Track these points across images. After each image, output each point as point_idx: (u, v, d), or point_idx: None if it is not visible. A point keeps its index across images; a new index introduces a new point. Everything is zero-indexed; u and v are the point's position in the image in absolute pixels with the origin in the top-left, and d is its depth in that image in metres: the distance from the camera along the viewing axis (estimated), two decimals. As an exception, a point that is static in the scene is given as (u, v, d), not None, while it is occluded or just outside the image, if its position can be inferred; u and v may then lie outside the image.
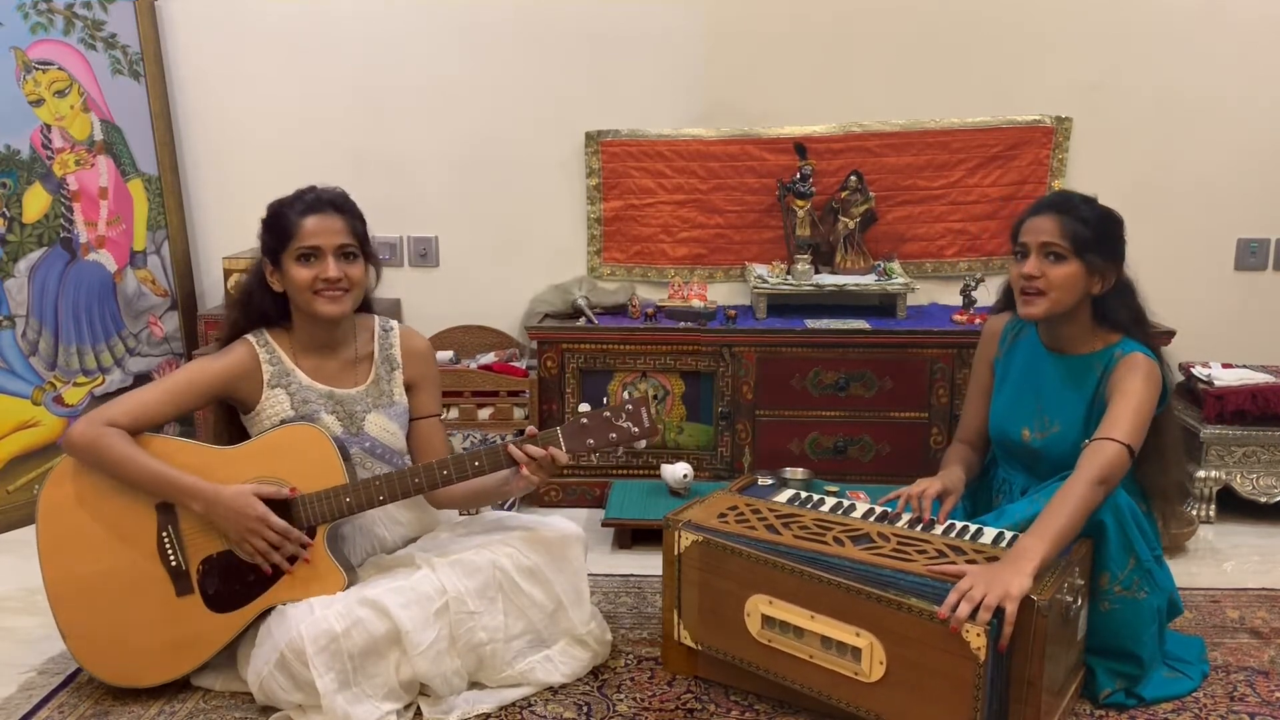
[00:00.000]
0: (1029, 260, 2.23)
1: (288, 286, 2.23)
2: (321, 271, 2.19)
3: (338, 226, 2.21)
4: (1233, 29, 3.42)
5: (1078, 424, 2.27)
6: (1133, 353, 2.22)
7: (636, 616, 2.56)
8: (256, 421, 2.27)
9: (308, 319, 2.27)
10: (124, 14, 3.45)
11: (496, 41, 3.53)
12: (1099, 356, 2.27)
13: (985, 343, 2.50)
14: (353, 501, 2.16)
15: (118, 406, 2.18)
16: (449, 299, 3.65)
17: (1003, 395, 2.42)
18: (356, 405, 2.30)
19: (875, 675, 1.96)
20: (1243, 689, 2.24)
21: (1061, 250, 2.20)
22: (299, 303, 2.24)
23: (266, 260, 2.25)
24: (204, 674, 2.24)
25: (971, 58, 3.49)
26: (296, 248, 2.19)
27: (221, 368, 2.25)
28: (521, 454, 2.15)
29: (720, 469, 3.31)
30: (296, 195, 2.24)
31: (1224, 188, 3.52)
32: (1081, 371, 2.28)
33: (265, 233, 2.24)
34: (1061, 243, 2.20)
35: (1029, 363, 2.38)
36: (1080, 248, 2.20)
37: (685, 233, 3.61)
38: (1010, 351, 2.43)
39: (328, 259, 2.20)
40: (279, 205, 2.24)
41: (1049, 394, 2.32)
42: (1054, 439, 2.29)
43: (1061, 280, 2.21)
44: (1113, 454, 2.07)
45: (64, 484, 2.18)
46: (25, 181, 3.18)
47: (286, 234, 2.19)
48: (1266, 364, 3.35)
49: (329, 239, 2.20)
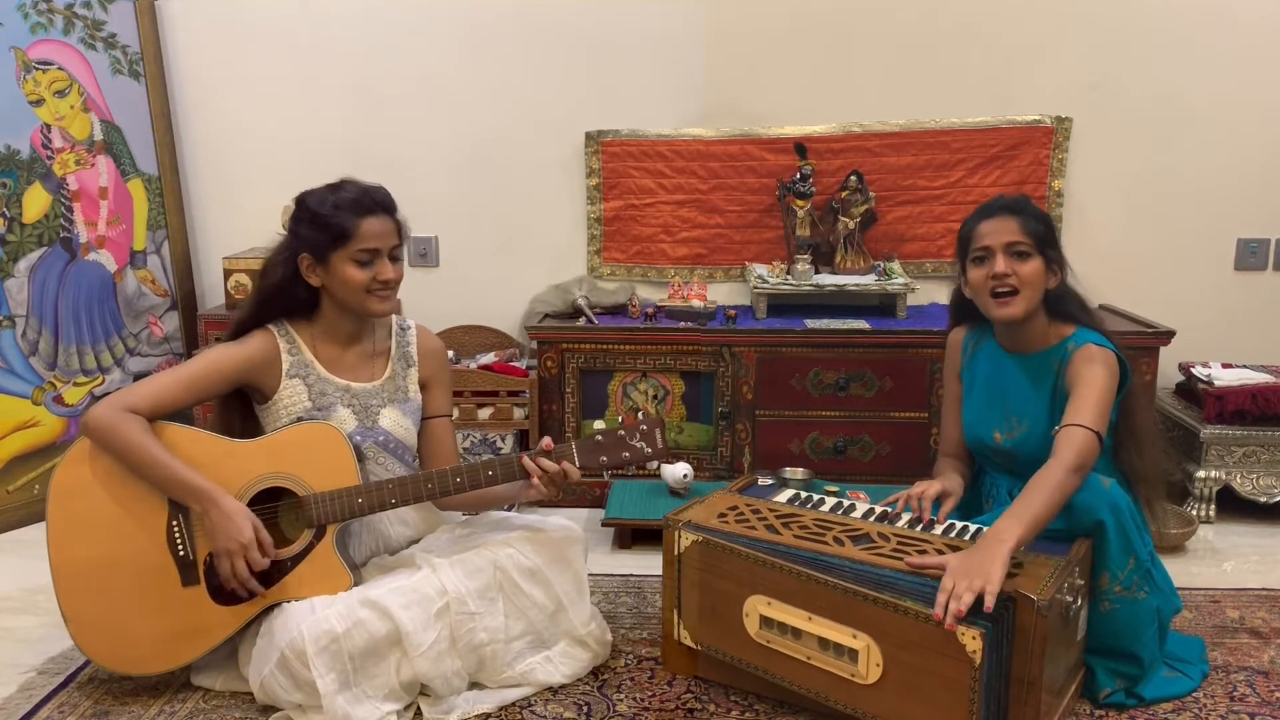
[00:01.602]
0: (997, 260, 2.25)
1: (334, 284, 2.22)
2: (379, 273, 2.21)
3: (390, 228, 2.24)
4: (1233, 30, 3.42)
5: (1043, 420, 2.29)
6: (1086, 344, 2.26)
7: (636, 616, 2.56)
8: (272, 411, 2.27)
9: (340, 313, 2.27)
10: (124, 14, 3.45)
11: (496, 41, 3.53)
12: (1054, 352, 2.31)
13: (950, 355, 2.55)
14: (365, 503, 2.16)
15: (138, 391, 2.18)
16: (449, 299, 3.65)
17: (971, 402, 2.45)
18: (372, 399, 2.31)
19: (872, 677, 1.96)
20: (1243, 689, 2.24)
21: (1026, 247, 2.25)
22: (347, 301, 2.24)
23: (309, 256, 2.22)
24: (204, 673, 2.24)
25: (971, 58, 3.49)
26: (356, 250, 2.19)
27: (243, 355, 2.24)
28: (535, 467, 2.16)
29: (720, 469, 3.31)
30: (347, 193, 2.21)
31: (1224, 188, 3.52)
32: (1040, 368, 2.32)
33: (312, 229, 2.20)
34: (1026, 239, 2.25)
35: (992, 368, 2.41)
36: (1040, 244, 2.27)
37: (685, 233, 3.61)
38: (973, 361, 2.47)
39: (384, 261, 2.22)
40: (331, 203, 2.20)
41: (1014, 395, 2.35)
42: (1023, 438, 2.32)
43: (1030, 276, 2.26)
44: (1081, 439, 2.09)
45: (78, 466, 2.17)
46: (25, 181, 3.18)
47: (344, 234, 2.18)
48: (1266, 364, 3.36)
49: (385, 241, 2.22)
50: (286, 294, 2.27)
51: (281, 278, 2.26)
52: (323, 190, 2.24)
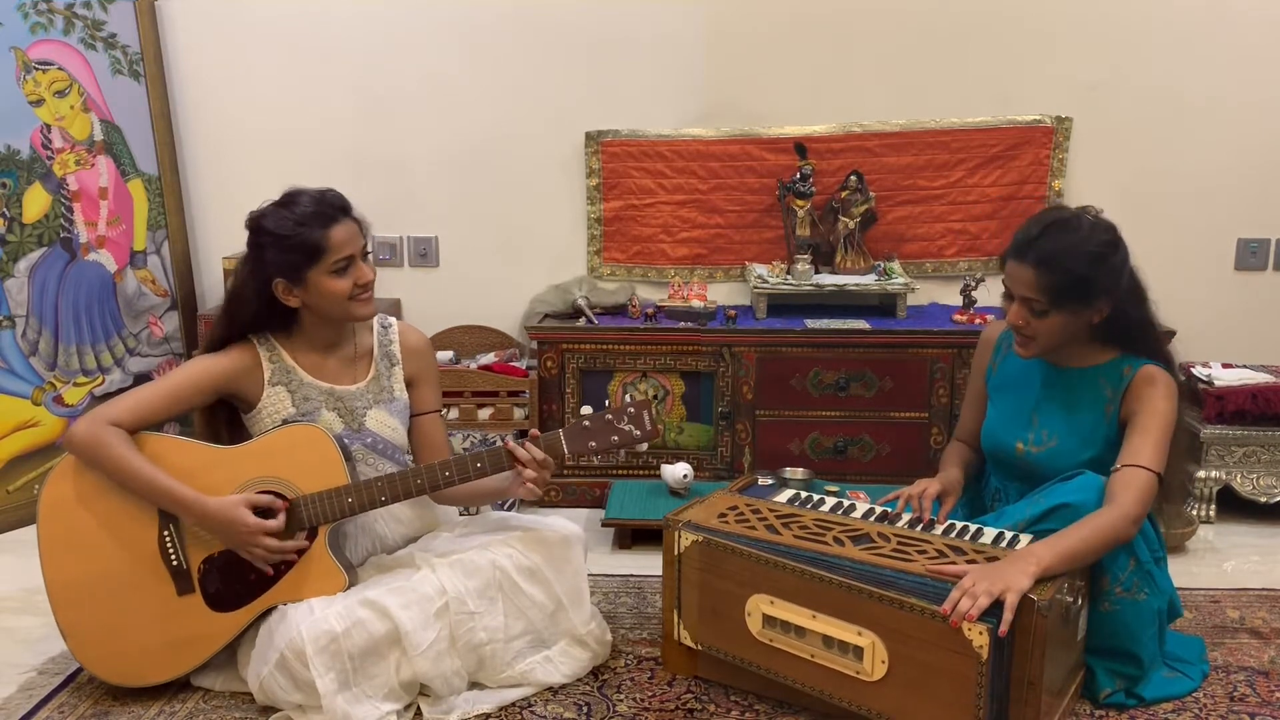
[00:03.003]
0: (1014, 308, 2.18)
1: (316, 299, 2.20)
2: (358, 278, 2.20)
3: (355, 230, 2.22)
4: (1233, 29, 3.42)
5: (1079, 440, 2.22)
6: (1146, 367, 2.17)
7: (636, 616, 2.56)
8: (257, 420, 2.27)
9: (320, 324, 2.26)
10: (124, 14, 3.45)
11: (496, 42, 3.53)
12: (1105, 371, 2.22)
13: (981, 350, 2.47)
14: (354, 502, 2.16)
15: (120, 405, 2.18)
16: (449, 299, 3.65)
17: (996, 406, 2.38)
18: (357, 402, 2.30)
19: (877, 674, 1.96)
20: (1243, 689, 2.24)
21: (1041, 306, 2.14)
22: (331, 312, 2.22)
23: (283, 280, 2.18)
24: (204, 674, 2.24)
25: (971, 58, 3.49)
26: (332, 262, 2.16)
27: (224, 365, 2.24)
28: (523, 452, 2.15)
29: (720, 469, 3.31)
30: (303, 206, 2.17)
31: (1224, 188, 3.52)
32: (1086, 386, 2.24)
33: (280, 253, 2.15)
34: (1040, 298, 2.12)
35: (1024, 374, 2.34)
36: (1059, 301, 2.11)
37: (685, 233, 3.61)
38: (1005, 361, 2.39)
39: (359, 264, 2.21)
40: (292, 221, 2.15)
41: (1046, 407, 2.28)
42: (1051, 454, 2.25)
43: (1046, 330, 2.16)
44: (1145, 484, 2.02)
45: (65, 482, 2.18)
46: (25, 181, 3.17)
47: (317, 250, 2.15)
48: (1266, 364, 3.36)
49: (355, 244, 2.20)
50: (263, 317, 2.24)
51: (258, 306, 2.22)
52: (275, 210, 2.18)
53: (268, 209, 2.20)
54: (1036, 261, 2.12)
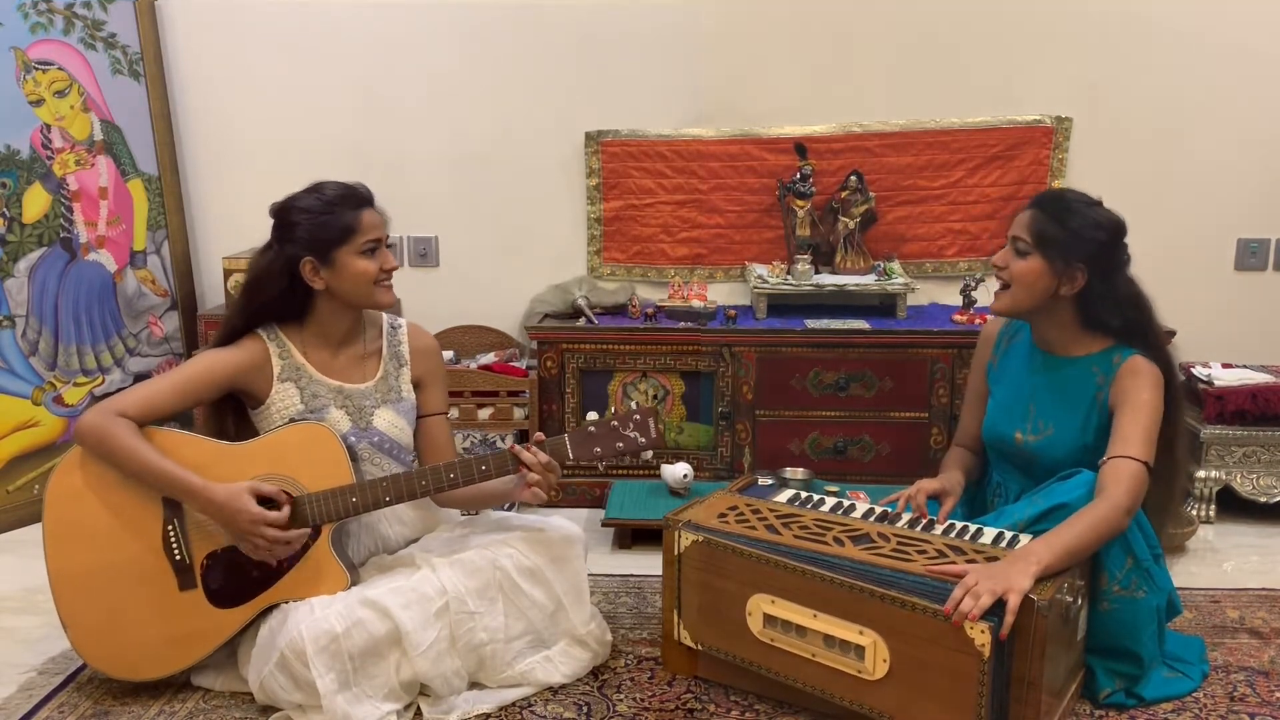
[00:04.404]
0: (1001, 250, 2.25)
1: (342, 280, 2.21)
2: (384, 262, 2.24)
3: (381, 219, 2.27)
4: (1233, 29, 3.42)
5: (1074, 428, 2.25)
6: (1134, 357, 2.20)
7: (636, 616, 2.56)
8: (265, 416, 2.27)
9: (336, 314, 2.28)
10: (124, 14, 3.45)
11: (496, 42, 3.53)
12: (1097, 360, 2.25)
13: (981, 346, 2.50)
14: (359, 501, 2.16)
15: (129, 397, 2.18)
16: (449, 299, 3.65)
17: (996, 397, 2.41)
18: (365, 400, 2.31)
19: (879, 673, 1.96)
20: (1243, 689, 2.24)
21: (1025, 245, 2.20)
22: (355, 296, 2.24)
23: (312, 259, 2.20)
24: (204, 673, 2.24)
25: (971, 58, 3.49)
26: (363, 242, 2.20)
27: (233, 360, 2.24)
28: (529, 456, 2.16)
29: (720, 469, 3.31)
30: (333, 190, 2.22)
31: (1224, 188, 3.52)
32: (1078, 375, 2.27)
33: (312, 231, 2.18)
34: (1026, 236, 2.20)
35: (1023, 364, 2.37)
36: (1043, 243, 2.17)
37: (685, 233, 3.61)
38: (1005, 355, 2.42)
39: (385, 250, 2.25)
40: (325, 202, 2.19)
41: (1043, 396, 2.30)
42: (1048, 442, 2.27)
43: (1021, 274, 2.20)
44: (1134, 475, 2.03)
45: (73, 473, 2.18)
46: (25, 181, 3.18)
47: (349, 230, 2.19)
48: (1266, 364, 3.36)
49: (382, 230, 2.26)
50: (282, 303, 2.26)
51: (280, 288, 2.24)
52: (305, 194, 2.23)
53: (296, 194, 2.24)
54: (1038, 204, 2.22)
